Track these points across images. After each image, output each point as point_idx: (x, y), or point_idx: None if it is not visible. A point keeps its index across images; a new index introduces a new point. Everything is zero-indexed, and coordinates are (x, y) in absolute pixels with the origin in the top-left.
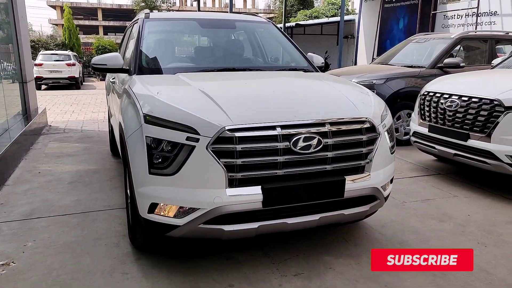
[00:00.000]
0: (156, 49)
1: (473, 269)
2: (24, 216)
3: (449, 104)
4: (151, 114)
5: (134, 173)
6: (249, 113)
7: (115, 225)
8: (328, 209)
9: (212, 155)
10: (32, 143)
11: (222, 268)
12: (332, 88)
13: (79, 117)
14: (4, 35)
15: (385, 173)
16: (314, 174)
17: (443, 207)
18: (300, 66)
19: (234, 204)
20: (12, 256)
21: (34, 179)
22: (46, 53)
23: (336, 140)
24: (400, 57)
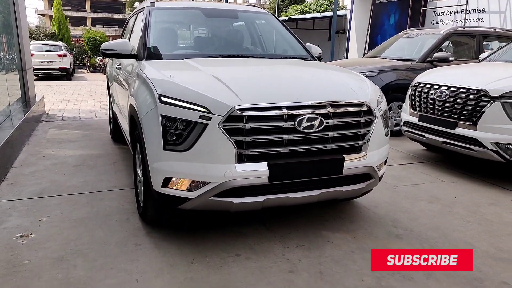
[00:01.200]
0: (163, 36)
1: (459, 243)
2: (35, 195)
3: (439, 94)
4: (165, 94)
5: (149, 150)
6: (257, 95)
7: (124, 204)
8: (328, 185)
9: (223, 133)
10: (33, 130)
11: (229, 240)
12: (332, 74)
13: (75, 106)
14: (5, 23)
15: (380, 154)
16: (316, 152)
17: (432, 190)
18: (300, 55)
19: (242, 179)
20: (30, 229)
21: (39, 162)
22: (37, 44)
23: (337, 121)
24: (391, 51)
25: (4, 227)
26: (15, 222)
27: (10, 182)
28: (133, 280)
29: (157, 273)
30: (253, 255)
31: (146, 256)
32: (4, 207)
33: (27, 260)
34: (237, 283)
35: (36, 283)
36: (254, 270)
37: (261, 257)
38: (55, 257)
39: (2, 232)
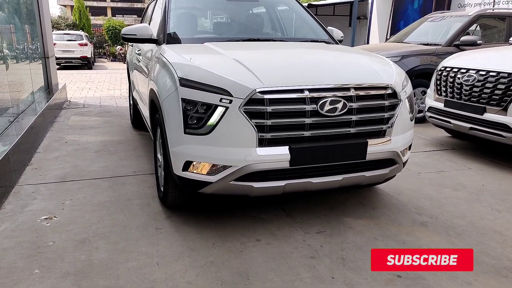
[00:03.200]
0: (183, 20)
1: (488, 232)
2: (59, 179)
3: (466, 78)
4: (186, 77)
5: (169, 133)
6: (279, 77)
7: (144, 188)
8: (351, 171)
9: (244, 116)
10: (56, 116)
11: (249, 225)
12: (355, 57)
13: (96, 93)
14: (28, 13)
15: (404, 139)
16: (338, 136)
17: (458, 177)
18: (321, 39)
19: (263, 163)
20: (54, 211)
21: (62, 148)
22: (59, 33)
23: (360, 104)
24: (415, 36)
25: (29, 210)
26: (39, 205)
27: (35, 167)
28: (154, 263)
29: (178, 256)
30: (273, 241)
31: (166, 240)
32: (29, 190)
33: (51, 241)
34: (258, 268)
35: (59, 264)
36: (275, 255)
37: (282, 242)
38: (78, 239)
39: (27, 215)
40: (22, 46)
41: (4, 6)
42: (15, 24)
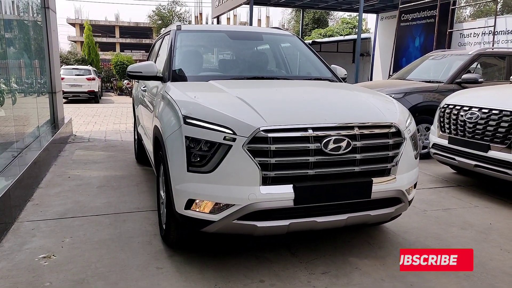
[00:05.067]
0: (188, 58)
1: (497, 274)
2: (59, 216)
3: (469, 116)
4: (190, 115)
5: (172, 171)
6: (282, 115)
7: (146, 226)
8: (356, 210)
9: (247, 154)
10: (60, 151)
11: (252, 265)
12: (359, 96)
13: (102, 128)
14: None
15: (410, 177)
16: (343, 175)
17: (464, 216)
18: (325, 77)
19: (267, 201)
20: (52, 250)
21: (64, 183)
22: (68, 68)
23: (364, 143)
24: (417, 73)
25: (28, 248)
26: (38, 242)
27: (36, 203)
28: None
29: None
30: (277, 282)
31: (167, 281)
32: (29, 227)
33: (48, 282)
34: None
35: None
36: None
37: (286, 284)
38: (76, 280)
39: (25, 253)
40: (30, 81)
41: (15, 42)
42: (25, 60)
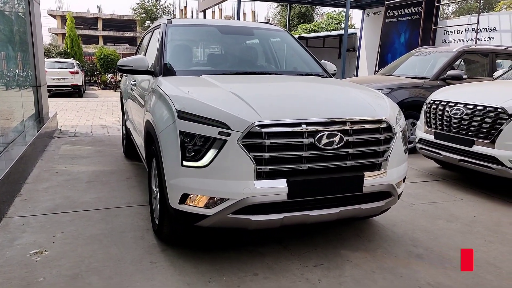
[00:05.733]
0: (179, 52)
1: (482, 264)
2: (49, 211)
3: (455, 112)
4: (184, 110)
5: (167, 166)
6: (276, 111)
7: (138, 220)
8: (347, 203)
9: (242, 149)
10: (46, 145)
11: (246, 259)
12: (350, 91)
13: (87, 122)
14: (21, 41)
15: (399, 172)
16: (335, 169)
17: (450, 209)
18: (316, 72)
19: (261, 195)
20: (44, 245)
21: (52, 178)
22: (50, 61)
23: (356, 138)
24: (403, 69)
25: (18, 244)
26: (29, 238)
27: (24, 198)
28: None
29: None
30: (271, 275)
31: (162, 275)
32: (18, 223)
33: (41, 277)
34: None
35: None
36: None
37: (280, 276)
38: (70, 275)
39: (16, 249)
40: (14, 74)
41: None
42: (8, 52)
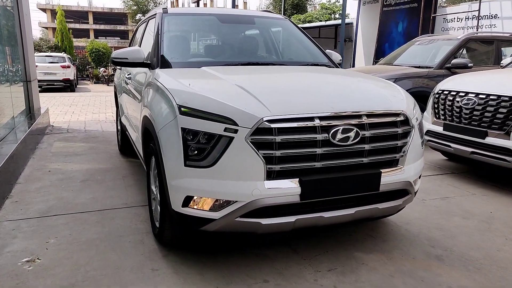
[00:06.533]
0: (177, 43)
1: (508, 265)
2: (41, 214)
3: (466, 102)
4: (186, 105)
5: (168, 165)
6: (287, 105)
7: (136, 223)
8: (363, 203)
9: (251, 147)
10: (38, 143)
11: (253, 264)
12: (363, 82)
13: (80, 117)
14: (9, 35)
15: (416, 168)
16: (351, 166)
17: (463, 204)
18: (321, 62)
19: (272, 197)
20: (36, 252)
21: (45, 177)
22: (40, 55)
23: (373, 132)
24: (404, 58)
25: (9, 251)
26: (20, 245)
27: (15, 200)
28: None
29: None
30: (282, 281)
31: (164, 283)
32: (9, 227)
33: None
34: None
35: None
36: None
37: (292, 283)
38: (65, 285)
39: (6, 257)
40: (2, 69)
41: None
42: None
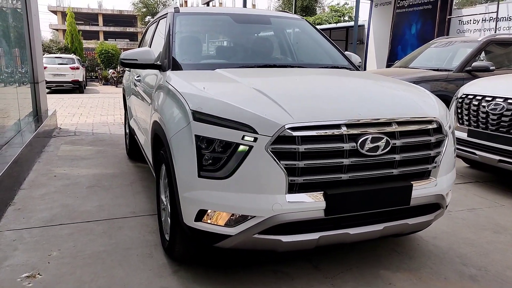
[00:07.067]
0: (189, 44)
1: None
2: (45, 223)
3: (493, 107)
4: (200, 110)
5: (180, 176)
6: (310, 111)
7: (145, 234)
8: (392, 218)
9: (271, 157)
10: (44, 146)
11: (271, 282)
12: (390, 86)
13: (88, 120)
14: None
15: (449, 180)
16: (379, 179)
17: (493, 217)
18: (341, 65)
19: (294, 212)
20: (38, 267)
21: (50, 183)
22: (50, 57)
23: (404, 142)
24: (421, 61)
25: (8, 265)
26: (21, 257)
27: (18, 207)
28: None
29: None
30: None
31: None
32: (10, 238)
33: None
34: None
35: None
36: None
37: None
38: None
39: (5, 272)
40: (10, 70)
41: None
42: (3, 48)
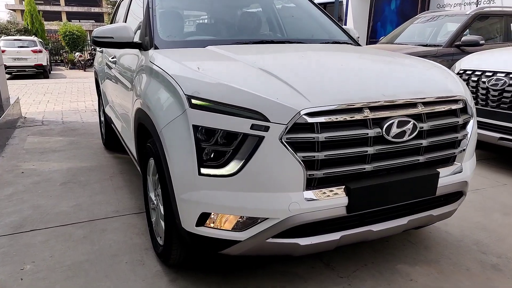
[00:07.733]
0: (173, 19)
1: None
2: (14, 229)
3: (494, 82)
4: (197, 95)
5: (176, 174)
6: (327, 92)
7: (132, 236)
8: (417, 210)
9: (287, 148)
10: (8, 138)
11: (280, 286)
12: (408, 63)
13: (57, 107)
14: None
15: (472, 164)
16: (404, 168)
17: (499, 198)
18: (342, 40)
19: (314, 211)
20: (8, 285)
21: (18, 181)
22: (8, 39)
23: (432, 124)
24: (406, 37)
25: None
26: None
27: None
28: None
29: None
30: None
31: None
32: None
33: None
34: None
35: None
36: None
37: None
38: None
39: None
40: None
41: None
42: None
